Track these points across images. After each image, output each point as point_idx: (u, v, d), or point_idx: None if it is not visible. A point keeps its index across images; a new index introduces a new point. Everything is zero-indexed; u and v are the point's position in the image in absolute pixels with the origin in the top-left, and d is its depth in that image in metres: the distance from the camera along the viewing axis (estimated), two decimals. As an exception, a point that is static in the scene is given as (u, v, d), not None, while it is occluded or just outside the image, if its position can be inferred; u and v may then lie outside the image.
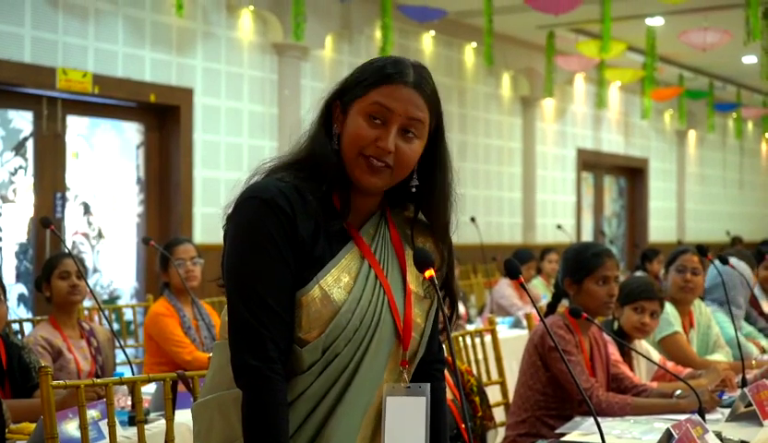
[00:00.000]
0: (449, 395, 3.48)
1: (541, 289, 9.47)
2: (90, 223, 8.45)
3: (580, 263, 4.10)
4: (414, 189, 2.31)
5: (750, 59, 14.13)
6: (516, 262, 2.71)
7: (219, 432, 2.27)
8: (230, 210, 2.24)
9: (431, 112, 2.27)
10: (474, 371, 4.64)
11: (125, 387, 3.90)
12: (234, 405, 2.20)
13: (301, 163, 2.27)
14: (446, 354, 2.53)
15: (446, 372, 2.52)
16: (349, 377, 2.22)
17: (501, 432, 4.43)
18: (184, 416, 3.51)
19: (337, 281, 2.21)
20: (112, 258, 8.62)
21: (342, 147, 2.24)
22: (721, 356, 5.23)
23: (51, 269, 4.88)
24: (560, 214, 14.34)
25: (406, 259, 2.33)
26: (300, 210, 2.19)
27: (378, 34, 10.28)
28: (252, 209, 2.19)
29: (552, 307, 4.21)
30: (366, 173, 2.23)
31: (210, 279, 2.60)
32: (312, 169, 2.25)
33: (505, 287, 8.96)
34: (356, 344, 2.21)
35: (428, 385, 2.28)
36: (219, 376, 2.29)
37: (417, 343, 2.33)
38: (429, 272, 2.20)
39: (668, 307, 5.01)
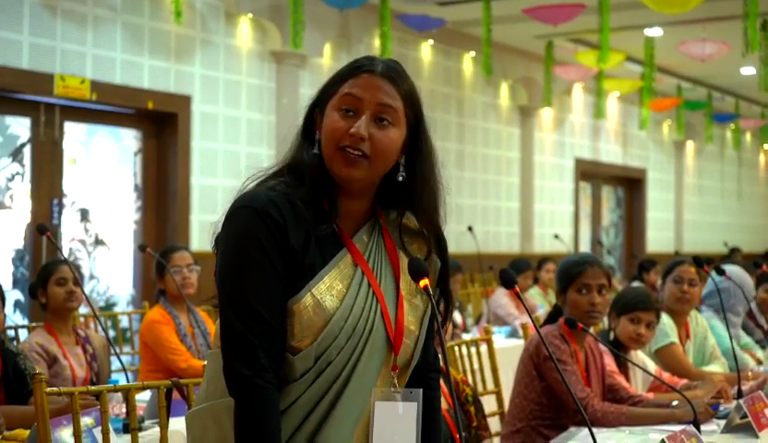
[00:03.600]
0: (443, 405, 3.48)
1: (538, 298, 9.47)
2: (86, 230, 8.44)
3: (563, 273, 4.11)
4: (401, 178, 2.30)
5: (748, 70, 14.14)
6: (511, 272, 2.70)
7: (212, 440, 2.26)
8: (221, 220, 2.24)
9: (405, 101, 2.28)
10: (470, 380, 4.63)
11: (119, 394, 3.89)
12: (228, 414, 2.19)
13: (286, 171, 2.29)
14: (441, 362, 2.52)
15: (441, 381, 2.51)
16: (342, 385, 2.21)
17: (497, 442, 4.42)
18: (178, 424, 3.49)
19: (329, 288, 2.20)
20: (108, 265, 8.62)
21: (322, 147, 2.26)
22: (717, 367, 5.22)
23: (47, 275, 4.87)
24: (558, 224, 14.34)
25: (400, 266, 2.32)
26: (291, 219, 2.19)
27: (376, 43, 10.27)
28: (243, 218, 2.19)
29: (553, 320, 4.16)
30: (344, 166, 2.23)
31: (207, 297, 2.60)
32: (298, 176, 2.26)
33: (502, 296, 8.95)
34: (349, 352, 2.21)
35: (420, 390, 2.27)
36: (213, 384, 2.28)
37: (411, 350, 2.32)
38: (424, 282, 2.20)
39: (665, 318, 5.00)
